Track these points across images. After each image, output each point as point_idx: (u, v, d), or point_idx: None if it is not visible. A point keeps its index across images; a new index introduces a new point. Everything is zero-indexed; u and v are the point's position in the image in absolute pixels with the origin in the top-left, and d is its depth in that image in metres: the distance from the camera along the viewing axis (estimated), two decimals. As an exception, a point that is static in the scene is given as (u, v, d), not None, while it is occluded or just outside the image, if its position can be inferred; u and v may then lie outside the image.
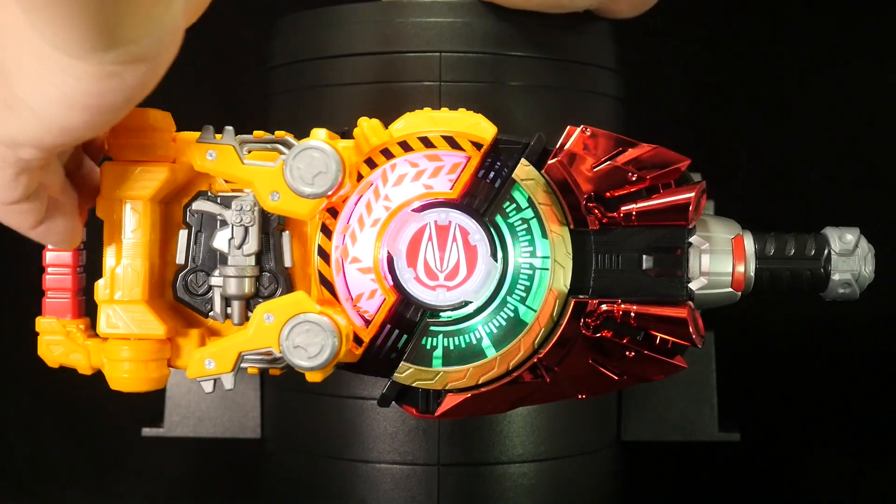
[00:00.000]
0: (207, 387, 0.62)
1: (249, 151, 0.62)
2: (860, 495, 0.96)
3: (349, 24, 0.73)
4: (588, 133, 0.62)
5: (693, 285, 0.65)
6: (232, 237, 0.62)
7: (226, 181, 0.64)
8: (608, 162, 0.62)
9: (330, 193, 0.60)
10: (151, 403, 0.76)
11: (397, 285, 0.63)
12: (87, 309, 0.65)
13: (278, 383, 0.78)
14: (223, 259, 0.62)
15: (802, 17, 1.02)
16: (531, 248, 0.63)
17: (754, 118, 1.02)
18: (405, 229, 0.63)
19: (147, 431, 0.83)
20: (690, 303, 0.63)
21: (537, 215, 0.63)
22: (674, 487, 1.00)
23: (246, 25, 1.03)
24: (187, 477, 1.00)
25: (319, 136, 0.61)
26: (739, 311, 0.72)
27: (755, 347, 1.01)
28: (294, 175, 0.59)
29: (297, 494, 0.78)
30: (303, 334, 0.60)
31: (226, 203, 0.63)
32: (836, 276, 0.67)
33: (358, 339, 0.63)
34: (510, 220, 0.63)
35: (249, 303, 0.63)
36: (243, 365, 0.63)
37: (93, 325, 0.64)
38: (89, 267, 0.65)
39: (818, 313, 0.98)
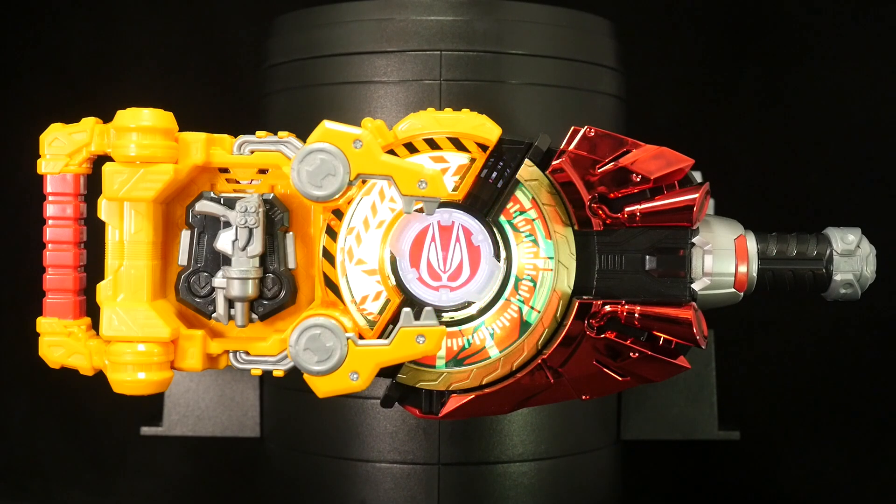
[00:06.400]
0: None
1: (252, 152, 0.62)
2: (860, 495, 0.97)
3: (348, 22, 0.73)
4: (592, 133, 0.62)
5: (696, 286, 0.65)
6: (236, 238, 0.62)
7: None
8: (612, 163, 0.62)
9: (338, 196, 0.60)
10: (150, 402, 0.76)
11: (400, 286, 0.63)
12: (87, 309, 0.64)
13: (278, 382, 0.78)
14: (226, 260, 0.62)
15: (802, 16, 1.02)
16: (535, 249, 0.63)
17: (754, 118, 1.02)
18: (408, 229, 0.63)
19: (146, 430, 0.83)
20: (694, 303, 0.63)
21: (541, 216, 0.63)
22: (674, 487, 1.00)
23: (245, 24, 1.03)
24: (187, 476, 1.00)
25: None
26: (740, 310, 0.72)
27: (755, 347, 1.01)
28: (301, 178, 0.59)
29: (296, 493, 0.78)
30: (312, 339, 0.60)
31: (229, 204, 0.62)
32: (837, 277, 0.67)
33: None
34: (514, 221, 0.63)
35: (253, 304, 0.63)
36: (245, 367, 0.63)
37: (94, 326, 0.63)
38: (89, 267, 0.65)
39: (818, 313, 0.98)
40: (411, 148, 0.63)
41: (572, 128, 0.63)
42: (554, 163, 0.62)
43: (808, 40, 1.02)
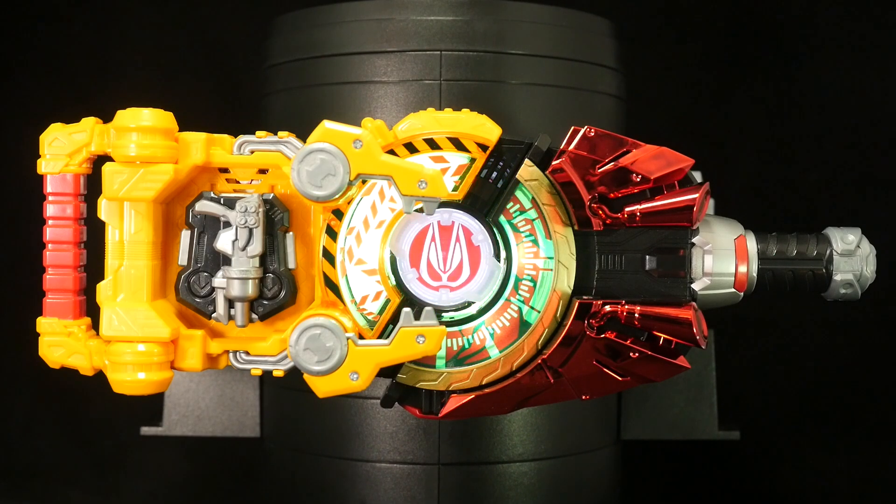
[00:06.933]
0: None
1: (252, 152, 0.62)
2: (860, 495, 0.97)
3: (348, 22, 0.73)
4: (592, 133, 0.62)
5: (696, 286, 0.65)
6: (236, 238, 0.62)
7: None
8: (612, 163, 0.62)
9: (338, 196, 0.60)
10: (150, 402, 0.76)
11: (400, 286, 0.63)
12: (87, 309, 0.64)
13: (278, 382, 0.78)
14: (226, 260, 0.62)
15: (802, 16, 1.02)
16: (535, 249, 0.63)
17: (754, 118, 1.03)
18: (408, 229, 0.63)
19: (146, 430, 0.83)
20: (694, 303, 0.63)
21: (541, 216, 0.63)
22: (674, 486, 1.00)
23: (245, 24, 1.03)
24: (187, 476, 1.00)
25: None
26: (740, 310, 0.72)
27: (755, 347, 1.01)
28: (301, 178, 0.59)
29: (296, 494, 0.78)
30: (312, 339, 0.60)
31: (229, 204, 0.62)
32: (837, 277, 0.67)
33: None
34: (514, 221, 0.63)
35: (253, 304, 0.63)
36: (245, 367, 0.63)
37: (94, 326, 0.63)
38: (89, 267, 0.65)
39: (818, 313, 0.98)
40: (411, 148, 0.63)
41: (572, 128, 0.63)
42: (554, 163, 0.62)
43: (807, 40, 1.02)
